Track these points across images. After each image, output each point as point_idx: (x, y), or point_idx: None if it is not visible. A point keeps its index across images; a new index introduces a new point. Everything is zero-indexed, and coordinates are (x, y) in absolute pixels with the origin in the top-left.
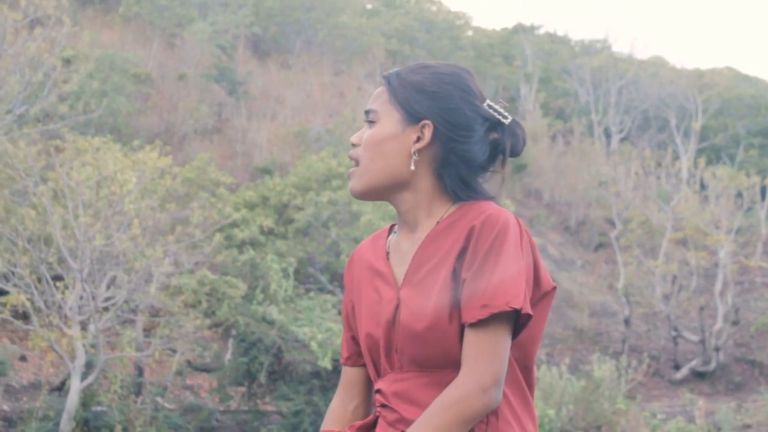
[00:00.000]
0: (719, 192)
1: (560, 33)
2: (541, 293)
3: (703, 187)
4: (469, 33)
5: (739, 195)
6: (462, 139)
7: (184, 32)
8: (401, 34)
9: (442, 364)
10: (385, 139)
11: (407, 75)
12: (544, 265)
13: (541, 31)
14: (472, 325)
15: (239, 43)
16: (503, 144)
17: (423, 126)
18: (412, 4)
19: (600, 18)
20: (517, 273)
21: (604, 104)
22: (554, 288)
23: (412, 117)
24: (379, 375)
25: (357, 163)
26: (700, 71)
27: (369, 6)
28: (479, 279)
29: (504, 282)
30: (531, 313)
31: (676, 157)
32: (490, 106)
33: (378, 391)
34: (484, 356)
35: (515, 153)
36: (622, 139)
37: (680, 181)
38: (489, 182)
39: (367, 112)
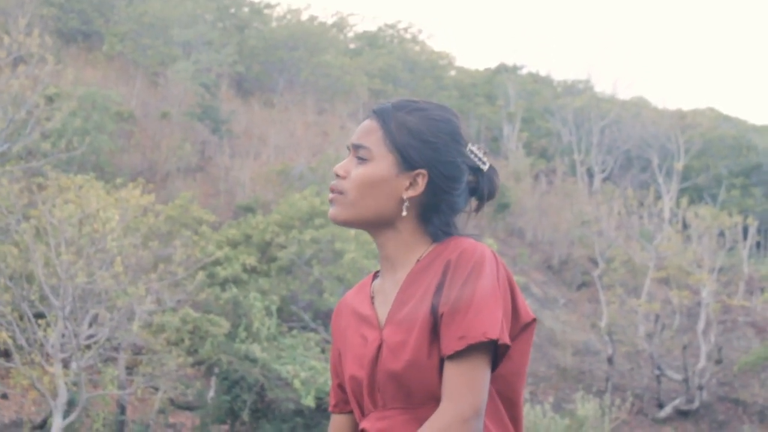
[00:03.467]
0: (702, 231)
1: (543, 73)
2: (520, 325)
3: (685, 226)
4: (452, 73)
5: (722, 234)
6: (451, 190)
7: (168, 71)
8: (384, 74)
9: (423, 401)
10: (378, 182)
11: (402, 116)
12: (523, 298)
13: (524, 71)
14: (451, 357)
15: (222, 82)
16: (480, 189)
17: (417, 174)
18: (396, 44)
19: (582, 58)
20: (494, 304)
21: (586, 144)
22: (534, 320)
23: (408, 164)
24: (363, 415)
25: (336, 191)
26: (682, 112)
27: (352, 45)
28: (456, 311)
29: (480, 313)
30: (509, 343)
31: (658, 196)
32: (471, 152)
33: (362, 431)
34: (464, 388)
35: (491, 198)
36: (605, 179)
37: (663, 220)
38: (470, 220)
39: (356, 147)
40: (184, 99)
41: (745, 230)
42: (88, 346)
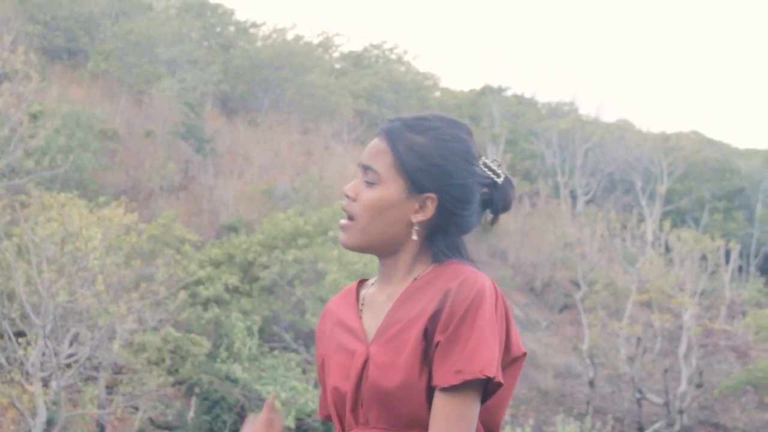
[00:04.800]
0: (684, 255)
1: (528, 95)
2: (510, 358)
3: (668, 249)
4: (437, 94)
5: (704, 258)
6: (462, 212)
7: (152, 89)
8: (369, 94)
9: (407, 424)
10: (388, 207)
11: (411, 137)
12: (516, 330)
13: (509, 92)
14: (444, 390)
15: (207, 101)
16: (495, 202)
17: (426, 198)
18: (381, 64)
19: (567, 81)
20: (491, 340)
21: (570, 166)
22: (524, 354)
23: (417, 188)
24: (343, 430)
25: (349, 217)
26: (665, 135)
27: (337, 66)
28: (454, 343)
29: (478, 349)
30: (502, 382)
31: (641, 219)
32: (485, 165)
33: None
34: (454, 421)
35: (505, 210)
36: (588, 201)
37: (645, 243)
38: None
39: (366, 169)
40: (168, 117)
41: (728, 254)
42: (69, 365)
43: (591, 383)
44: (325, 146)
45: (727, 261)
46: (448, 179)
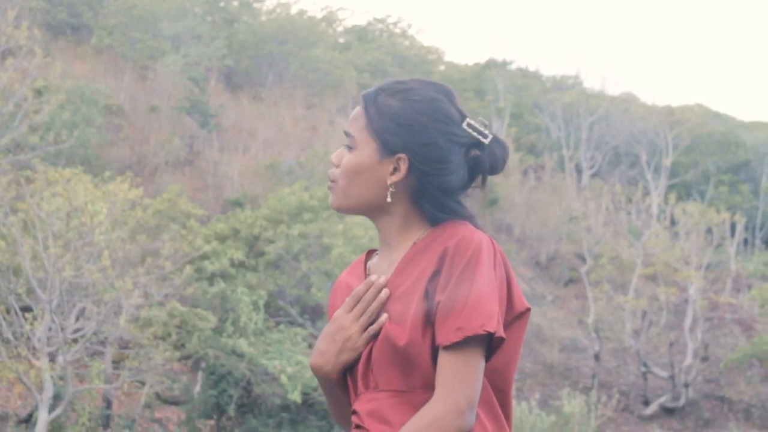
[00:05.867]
0: (689, 228)
1: (532, 68)
2: (514, 314)
3: (673, 223)
4: (442, 68)
5: (709, 231)
6: (437, 172)
7: (157, 64)
8: (374, 68)
9: (417, 384)
10: (362, 169)
11: (384, 99)
12: (518, 286)
13: (513, 66)
14: (446, 348)
15: (211, 76)
16: (483, 163)
17: (398, 159)
18: (385, 38)
19: (571, 54)
20: (491, 296)
21: (575, 140)
22: (528, 309)
23: (388, 149)
24: (356, 395)
25: (332, 179)
26: (670, 108)
27: (341, 40)
28: (453, 301)
29: (478, 305)
30: (504, 336)
31: (646, 193)
32: (470, 125)
33: (354, 412)
34: (458, 379)
35: (494, 171)
36: (593, 175)
37: (650, 216)
38: (470, 197)
39: (345, 134)
40: (172, 93)
41: (733, 227)
42: (75, 340)
43: (596, 357)
44: (329, 121)
45: (733, 234)
46: (417, 138)
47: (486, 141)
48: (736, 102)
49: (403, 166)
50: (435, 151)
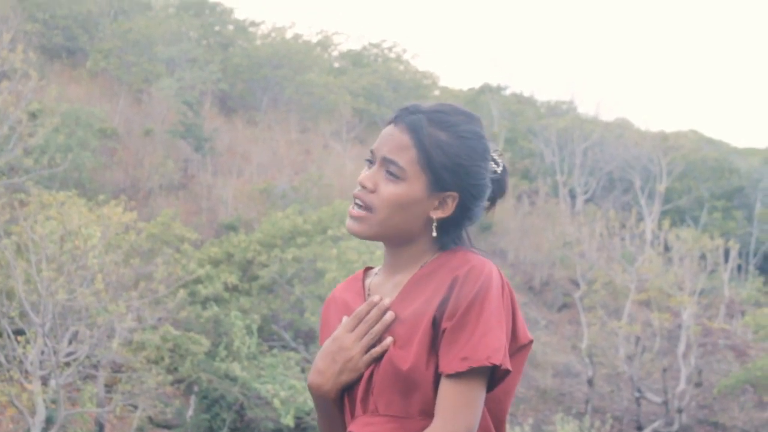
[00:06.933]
0: (683, 254)
1: (526, 94)
2: (517, 346)
3: (667, 248)
4: (436, 93)
5: (703, 257)
6: (476, 207)
7: (151, 88)
8: (368, 93)
9: (413, 412)
10: (410, 204)
11: (436, 133)
12: (522, 319)
13: (508, 91)
14: (450, 376)
15: (206, 100)
16: (495, 192)
17: (448, 196)
18: (380, 63)
19: (566, 79)
20: (498, 327)
21: (569, 165)
22: (531, 341)
23: (439, 185)
24: (352, 416)
25: (363, 206)
26: (664, 134)
27: (336, 64)
28: (461, 331)
29: (485, 336)
30: (510, 369)
31: (640, 218)
32: (493, 159)
33: None
34: (459, 408)
35: (501, 197)
36: (587, 200)
37: (644, 242)
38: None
39: (388, 162)
40: (167, 116)
41: (726, 253)
42: (68, 364)
43: (590, 382)
44: (323, 145)
45: (726, 260)
46: (471, 179)
47: (499, 170)
48: (729, 128)
49: (452, 204)
50: (482, 190)
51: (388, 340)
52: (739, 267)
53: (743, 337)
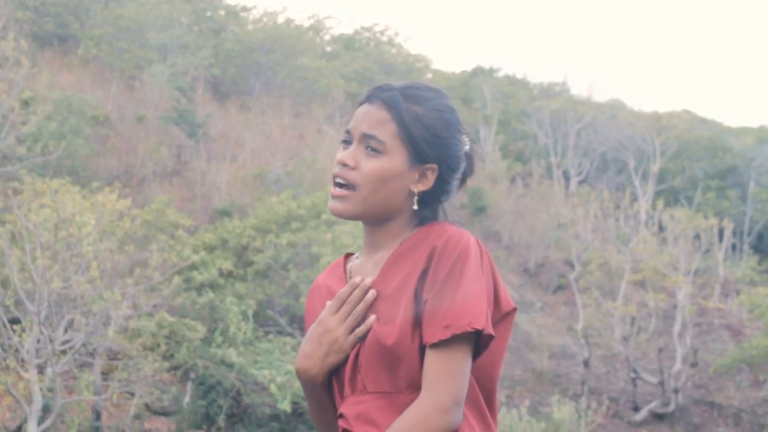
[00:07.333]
0: (677, 234)
1: (519, 76)
2: (501, 314)
3: (661, 229)
4: (429, 75)
5: (697, 237)
6: (453, 180)
7: (143, 74)
8: (361, 77)
9: (404, 386)
10: (392, 177)
11: (413, 108)
12: (504, 286)
13: (500, 73)
14: (434, 346)
15: (198, 85)
16: (468, 167)
17: (428, 169)
18: (372, 47)
19: (559, 61)
20: (479, 294)
21: (562, 146)
22: (514, 309)
23: (419, 158)
24: (341, 398)
25: (347, 185)
26: (657, 114)
27: (329, 48)
28: (441, 300)
29: (466, 303)
30: (493, 333)
31: (634, 199)
32: (464, 131)
33: (340, 415)
34: (445, 377)
35: (470, 176)
36: (581, 182)
37: (639, 223)
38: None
39: (368, 137)
40: (159, 103)
41: (721, 232)
42: (64, 352)
43: (586, 363)
44: (317, 129)
45: (721, 239)
46: (449, 150)
47: (467, 148)
48: (723, 107)
49: (431, 176)
50: (458, 162)
51: (372, 318)
52: (734, 246)
53: (738, 316)
